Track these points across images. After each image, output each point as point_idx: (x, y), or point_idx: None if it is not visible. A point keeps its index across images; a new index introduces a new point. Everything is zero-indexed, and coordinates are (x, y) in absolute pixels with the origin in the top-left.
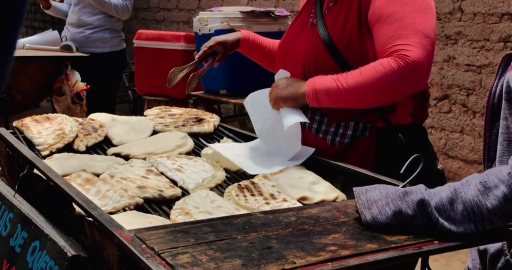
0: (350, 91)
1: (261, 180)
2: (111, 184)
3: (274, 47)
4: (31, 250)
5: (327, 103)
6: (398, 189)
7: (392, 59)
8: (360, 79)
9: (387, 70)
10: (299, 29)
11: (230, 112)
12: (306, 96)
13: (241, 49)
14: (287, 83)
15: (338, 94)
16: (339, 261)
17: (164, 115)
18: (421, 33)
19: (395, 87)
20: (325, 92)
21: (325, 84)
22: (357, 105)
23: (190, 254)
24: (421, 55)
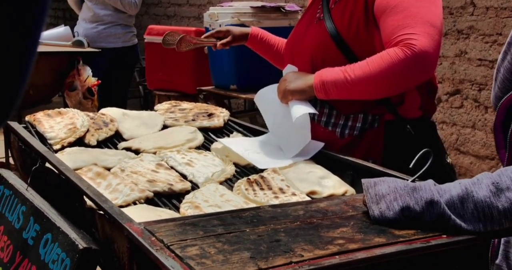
0: (358, 82)
1: (270, 174)
2: (121, 178)
3: (282, 45)
4: (43, 243)
5: (335, 95)
6: (407, 184)
7: (399, 48)
8: (367, 69)
9: (394, 59)
10: (306, 25)
11: (241, 108)
12: (314, 89)
13: (249, 44)
14: (295, 76)
15: (346, 85)
16: (346, 254)
17: (174, 110)
18: (427, 23)
19: (402, 77)
20: (332, 83)
21: (332, 76)
22: (365, 96)
23: (198, 247)
24: (428, 44)
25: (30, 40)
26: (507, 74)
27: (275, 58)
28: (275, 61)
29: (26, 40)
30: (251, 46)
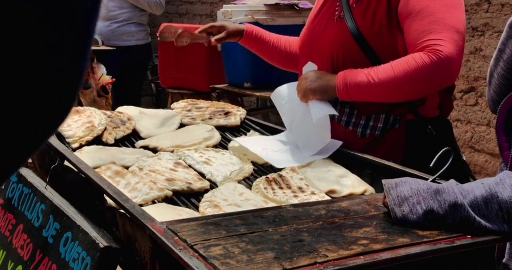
0: (381, 85)
1: (288, 173)
2: (140, 177)
3: (278, 41)
4: (64, 241)
5: (358, 97)
6: (430, 186)
7: (425, 54)
8: (392, 73)
9: (420, 64)
10: (324, 22)
11: (253, 105)
12: (337, 89)
13: (244, 42)
14: (317, 76)
15: (369, 88)
16: (371, 254)
17: (191, 108)
18: (452, 28)
19: (427, 82)
20: (356, 86)
21: (356, 78)
22: (388, 99)
23: (222, 246)
24: (453, 50)
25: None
26: (502, 80)
27: (270, 55)
28: (271, 59)
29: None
30: (246, 43)
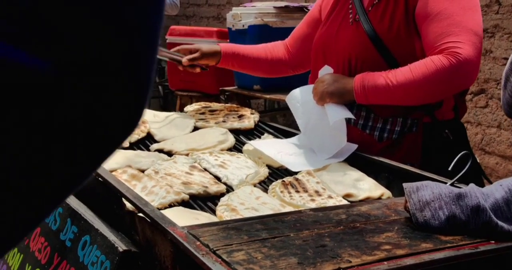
0: (400, 88)
1: (305, 177)
2: (156, 180)
3: (258, 52)
4: (82, 245)
5: (375, 100)
6: (452, 190)
7: (444, 56)
8: (410, 76)
9: (439, 67)
10: (337, 25)
11: (261, 108)
12: (354, 93)
13: (224, 62)
14: (333, 79)
15: (388, 91)
16: (395, 260)
17: (204, 111)
18: (470, 31)
19: (446, 85)
20: (374, 88)
21: (374, 81)
22: (406, 102)
23: (245, 251)
24: (472, 53)
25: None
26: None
27: (255, 67)
28: (256, 70)
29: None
30: (226, 63)
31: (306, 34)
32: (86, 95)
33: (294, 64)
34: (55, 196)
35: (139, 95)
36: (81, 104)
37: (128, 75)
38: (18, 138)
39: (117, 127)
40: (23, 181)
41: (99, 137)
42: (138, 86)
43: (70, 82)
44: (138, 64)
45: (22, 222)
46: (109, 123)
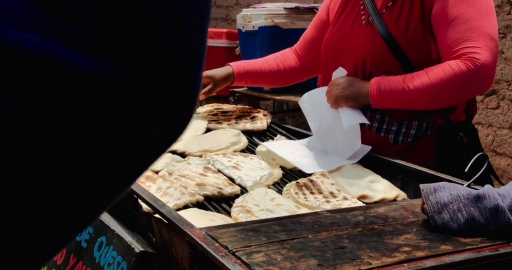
0: (417, 93)
1: (319, 178)
2: (170, 181)
3: (270, 65)
4: (98, 245)
5: (391, 105)
6: (470, 191)
7: (462, 61)
8: (428, 81)
9: (456, 72)
10: (348, 27)
11: (269, 109)
12: (370, 97)
13: (238, 81)
14: (349, 82)
15: (404, 96)
16: (415, 262)
17: (216, 112)
18: (488, 36)
19: (463, 90)
20: (390, 93)
21: (390, 86)
22: (422, 107)
23: (264, 253)
24: (489, 58)
25: None
26: None
27: (270, 81)
28: (272, 83)
29: None
30: (240, 83)
31: (315, 38)
32: (148, 98)
33: (307, 70)
34: (105, 200)
35: (193, 97)
36: (143, 107)
37: (185, 77)
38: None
39: (173, 130)
40: (91, 182)
41: (156, 139)
42: (192, 88)
43: (134, 85)
44: (192, 65)
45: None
46: (166, 125)
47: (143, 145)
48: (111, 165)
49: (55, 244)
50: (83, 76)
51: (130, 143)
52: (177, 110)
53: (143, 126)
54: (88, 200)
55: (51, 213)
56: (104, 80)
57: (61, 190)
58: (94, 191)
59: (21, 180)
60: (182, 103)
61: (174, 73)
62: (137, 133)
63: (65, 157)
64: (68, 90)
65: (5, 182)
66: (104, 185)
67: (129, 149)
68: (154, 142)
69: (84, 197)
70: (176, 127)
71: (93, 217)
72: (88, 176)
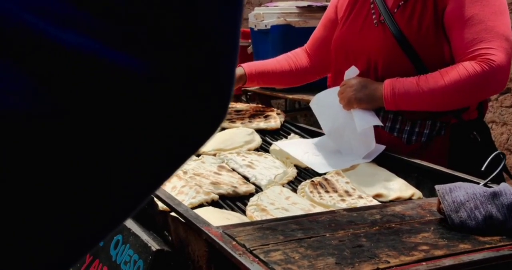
0: (431, 95)
1: (334, 177)
2: (185, 180)
3: (281, 65)
4: (114, 244)
5: (405, 107)
6: (486, 189)
7: (476, 63)
8: (442, 83)
9: (471, 74)
10: (359, 26)
11: (281, 108)
12: (384, 100)
13: (250, 82)
14: (362, 84)
15: (418, 98)
16: (433, 261)
17: (230, 111)
18: (502, 37)
19: (478, 91)
20: (404, 96)
21: (404, 88)
22: (436, 109)
23: (282, 251)
24: (504, 59)
25: None
26: None
27: (281, 82)
28: (283, 84)
29: None
30: (252, 84)
31: (325, 37)
32: (179, 98)
33: (319, 70)
34: (138, 199)
35: (226, 98)
36: (178, 108)
37: (219, 77)
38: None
39: (206, 130)
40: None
41: (189, 140)
42: (225, 89)
43: (167, 84)
44: (227, 65)
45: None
46: (199, 126)
47: (176, 146)
48: (144, 166)
49: (86, 244)
50: (122, 76)
51: (164, 144)
52: (210, 111)
53: (177, 127)
54: (117, 201)
55: (82, 213)
56: (142, 80)
57: (92, 190)
58: (126, 192)
59: (56, 177)
60: (216, 104)
61: (209, 74)
62: (171, 134)
63: (100, 156)
64: (106, 89)
65: (41, 181)
66: (136, 186)
67: (163, 150)
68: (186, 143)
69: (114, 198)
70: (209, 129)
71: (119, 220)
72: (123, 177)
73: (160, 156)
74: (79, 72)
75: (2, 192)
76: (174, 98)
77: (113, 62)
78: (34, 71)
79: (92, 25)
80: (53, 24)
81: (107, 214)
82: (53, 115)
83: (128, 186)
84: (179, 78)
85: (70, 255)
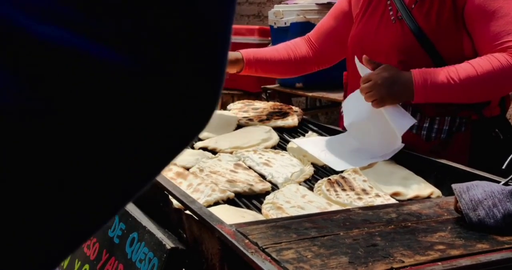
0: (464, 86)
1: (351, 175)
2: (201, 178)
3: (280, 53)
4: (129, 241)
5: (435, 99)
6: (504, 187)
7: (508, 54)
8: (474, 73)
9: (504, 65)
10: (376, 23)
11: (302, 106)
12: (415, 92)
13: (247, 70)
14: (392, 79)
15: (450, 90)
16: (449, 260)
17: (247, 109)
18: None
19: (510, 83)
20: (436, 87)
21: (435, 79)
22: (468, 100)
23: (294, 250)
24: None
25: None
26: None
27: (279, 70)
28: (281, 73)
29: None
30: (250, 70)
31: (333, 28)
32: (172, 91)
33: (319, 60)
34: (129, 192)
35: (217, 89)
36: (167, 100)
37: (210, 69)
38: None
39: (197, 121)
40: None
41: (181, 131)
42: (217, 80)
43: (155, 78)
44: (215, 55)
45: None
46: (188, 117)
47: (167, 137)
48: (135, 158)
49: (83, 233)
50: (105, 70)
51: (154, 135)
52: (201, 102)
53: (167, 119)
54: (111, 192)
55: (74, 206)
56: (126, 74)
57: (84, 183)
58: (119, 184)
59: (45, 173)
60: (207, 95)
61: (199, 66)
62: (162, 125)
63: (90, 149)
64: (90, 83)
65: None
66: (130, 178)
67: (155, 143)
68: (178, 133)
69: (107, 190)
70: (200, 119)
71: (114, 209)
72: (115, 169)
73: (152, 150)
74: (59, 66)
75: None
76: (163, 91)
77: (95, 56)
78: (12, 65)
79: (74, 19)
80: (32, 17)
81: (90, 209)
82: (34, 109)
83: (117, 181)
84: (169, 71)
85: (56, 251)
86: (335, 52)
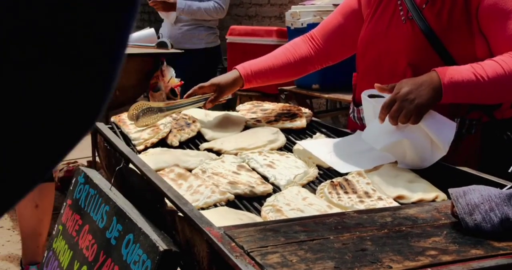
0: (492, 84)
1: (355, 177)
2: (202, 179)
3: (277, 62)
4: (125, 243)
5: (463, 99)
6: (501, 191)
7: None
8: (501, 70)
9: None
10: (386, 23)
11: (322, 107)
12: (443, 92)
13: (248, 85)
14: (414, 89)
15: (478, 88)
16: (439, 267)
17: (256, 110)
18: None
19: None
20: (464, 86)
21: (463, 78)
22: (493, 100)
23: (280, 254)
24: None
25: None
26: None
27: (281, 77)
28: (283, 79)
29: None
30: (251, 85)
31: (341, 25)
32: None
33: (322, 59)
34: None
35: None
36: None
37: None
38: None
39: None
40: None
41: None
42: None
43: None
44: None
45: None
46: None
47: None
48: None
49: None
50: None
51: None
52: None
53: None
54: None
55: None
56: None
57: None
58: None
59: None
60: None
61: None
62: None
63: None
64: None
65: None
66: None
67: None
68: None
69: None
70: (90, 105)
71: None
72: None
73: None
74: None
75: None
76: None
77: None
78: None
79: None
80: None
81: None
82: None
83: None
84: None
85: None
86: (340, 49)
